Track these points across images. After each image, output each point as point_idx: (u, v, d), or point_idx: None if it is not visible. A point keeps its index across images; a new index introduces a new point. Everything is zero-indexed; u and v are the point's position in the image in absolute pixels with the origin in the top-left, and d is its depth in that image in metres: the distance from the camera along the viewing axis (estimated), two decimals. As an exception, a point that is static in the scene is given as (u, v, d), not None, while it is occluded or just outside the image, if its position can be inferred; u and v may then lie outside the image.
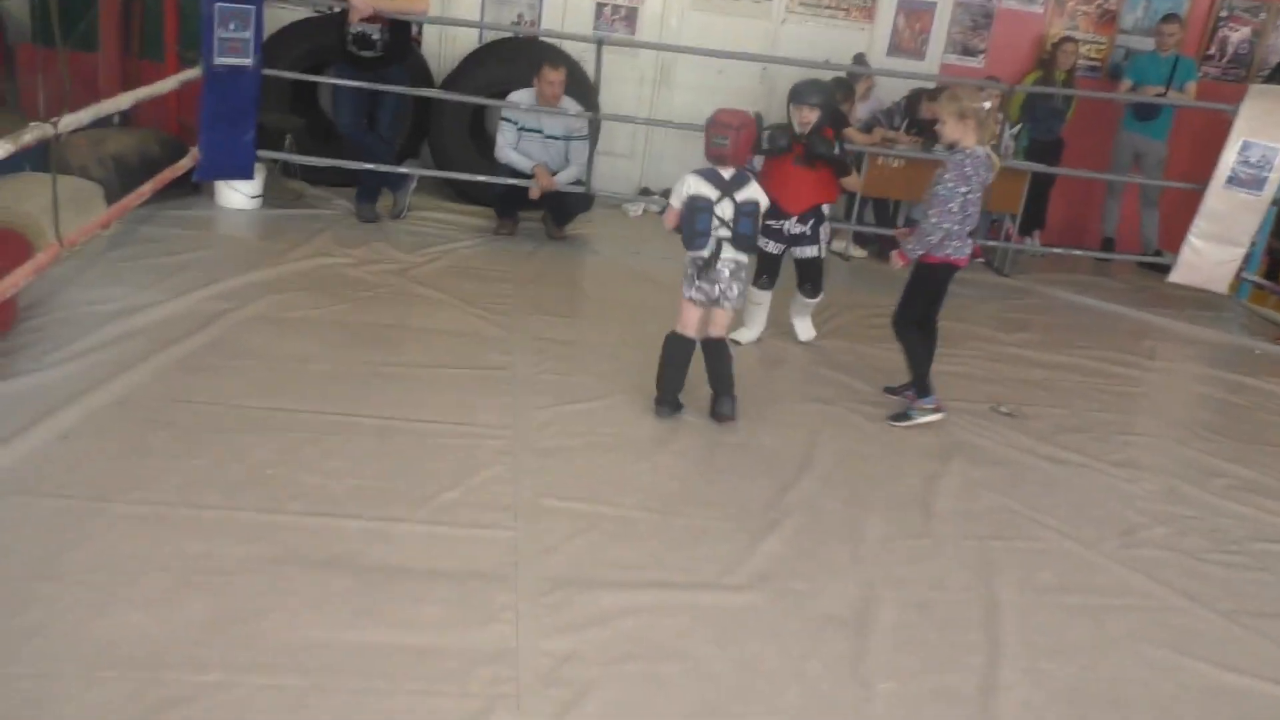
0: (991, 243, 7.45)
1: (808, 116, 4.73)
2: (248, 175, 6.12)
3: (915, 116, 7.44)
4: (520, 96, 6.45)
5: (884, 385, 4.77)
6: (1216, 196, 6.46)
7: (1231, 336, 6.47)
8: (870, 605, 3.07)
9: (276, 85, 6.48)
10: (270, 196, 6.37)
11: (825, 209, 5.02)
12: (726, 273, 3.99)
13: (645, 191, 7.93)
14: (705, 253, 3.95)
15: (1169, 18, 7.69)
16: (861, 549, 3.40)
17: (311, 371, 4.12)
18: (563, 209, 6.63)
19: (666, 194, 8.12)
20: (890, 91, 7.74)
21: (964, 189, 4.13)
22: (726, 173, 3.90)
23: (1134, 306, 6.88)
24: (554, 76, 6.33)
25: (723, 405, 4.15)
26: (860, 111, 7.46)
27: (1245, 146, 6.46)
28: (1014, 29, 8.10)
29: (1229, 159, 6.44)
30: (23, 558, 2.73)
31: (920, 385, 4.47)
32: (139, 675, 2.36)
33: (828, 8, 7.98)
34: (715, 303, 4.06)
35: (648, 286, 5.99)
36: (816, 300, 5.20)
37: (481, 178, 6.57)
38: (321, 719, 2.32)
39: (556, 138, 6.53)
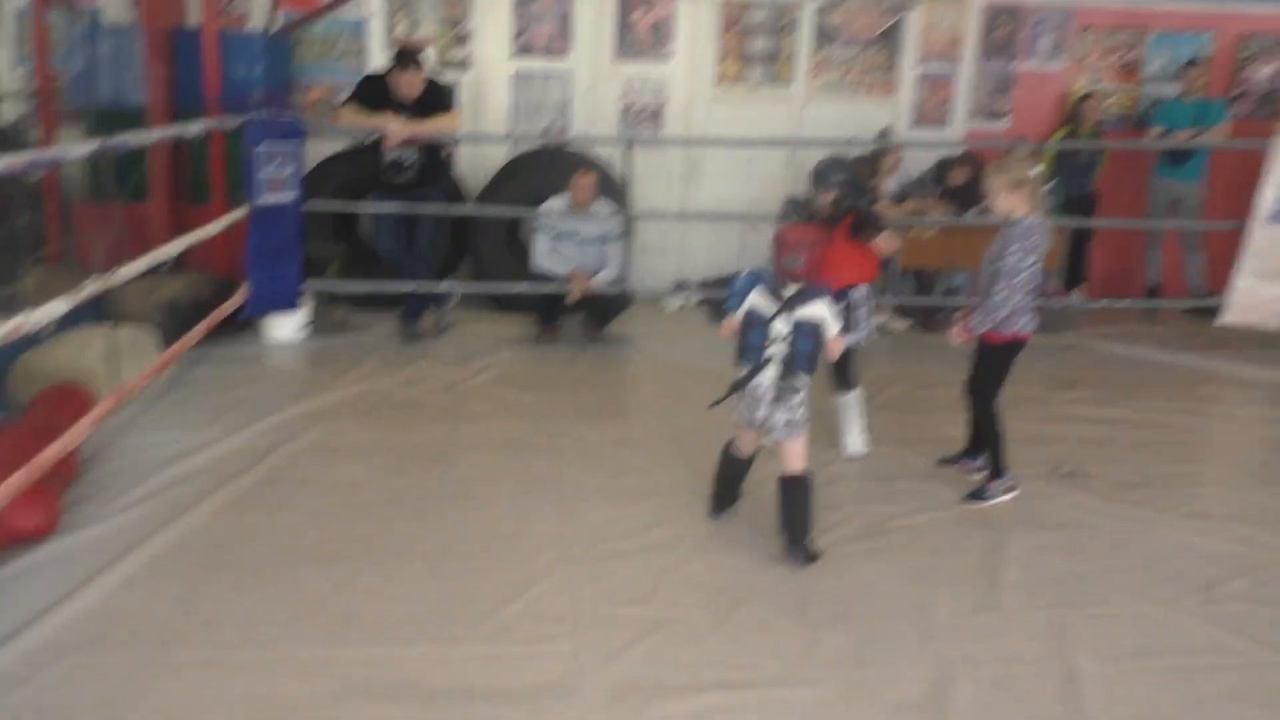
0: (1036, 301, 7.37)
1: (827, 198, 4.52)
2: (294, 307, 6.29)
3: (946, 184, 7.47)
4: (553, 204, 6.60)
5: (938, 458, 4.70)
6: (1261, 233, 6.37)
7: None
8: (945, 686, 2.99)
9: (318, 217, 6.71)
10: (317, 326, 6.53)
11: (860, 291, 4.60)
12: (769, 397, 3.62)
13: (681, 285, 8.01)
14: (745, 369, 3.65)
15: (1191, 62, 7.69)
16: (930, 628, 3.32)
17: (364, 498, 4.17)
18: (602, 310, 6.72)
19: (707, 286, 8.33)
20: (918, 163, 7.79)
21: (1030, 259, 4.02)
22: (791, 288, 3.55)
23: (1187, 352, 6.76)
24: (585, 181, 6.48)
25: (791, 553, 3.71)
26: (889, 185, 7.51)
27: (1283, 182, 6.39)
28: (1036, 89, 8.15)
29: (1269, 194, 6.36)
30: (90, 715, 2.76)
31: (998, 464, 4.32)
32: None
33: (850, 85, 8.11)
34: (758, 428, 3.72)
35: (689, 381, 6.00)
36: (851, 395, 4.77)
37: (520, 288, 6.69)
38: None
39: (592, 240, 6.65)
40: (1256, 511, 4.27)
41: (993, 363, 4.31)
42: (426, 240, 6.61)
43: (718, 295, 7.61)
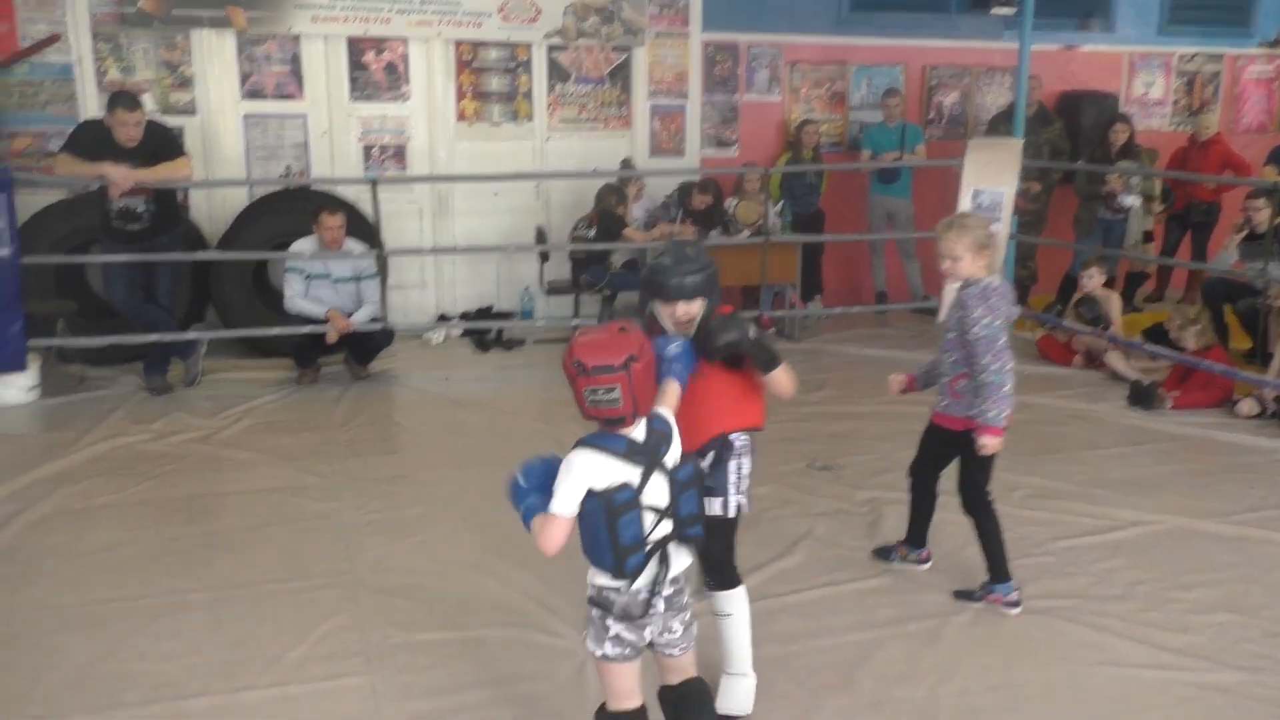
0: (778, 312, 7.90)
1: (688, 312, 2.66)
2: (20, 367, 5.79)
3: (688, 207, 7.88)
4: (303, 245, 6.43)
5: (872, 550, 4.02)
6: (992, 232, 7.13)
7: (1002, 362, 7.09)
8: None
9: (40, 271, 6.22)
10: (48, 385, 6.03)
11: (741, 441, 2.86)
12: (659, 607, 2.37)
13: (443, 318, 7.99)
14: (644, 582, 2.34)
15: (889, 92, 8.51)
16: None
17: (124, 557, 3.91)
18: (364, 347, 6.59)
19: (469, 316, 8.34)
20: (660, 188, 8.17)
21: (999, 321, 3.34)
22: (636, 430, 2.29)
23: (915, 349, 7.41)
24: (332, 222, 6.36)
25: None
26: (636, 212, 7.83)
27: (976, 193, 7.21)
28: (759, 118, 8.74)
29: (964, 205, 7.14)
30: None
31: (1001, 569, 3.58)
32: None
33: (587, 120, 8.39)
34: (654, 649, 2.45)
35: (460, 410, 6.01)
36: (734, 595, 2.92)
37: (275, 331, 6.46)
38: None
39: (346, 279, 6.52)
40: (1000, 487, 4.76)
41: (978, 451, 3.44)
42: (165, 287, 6.25)
43: (480, 326, 7.67)
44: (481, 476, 4.85)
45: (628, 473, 2.27)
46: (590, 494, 2.24)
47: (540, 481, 2.31)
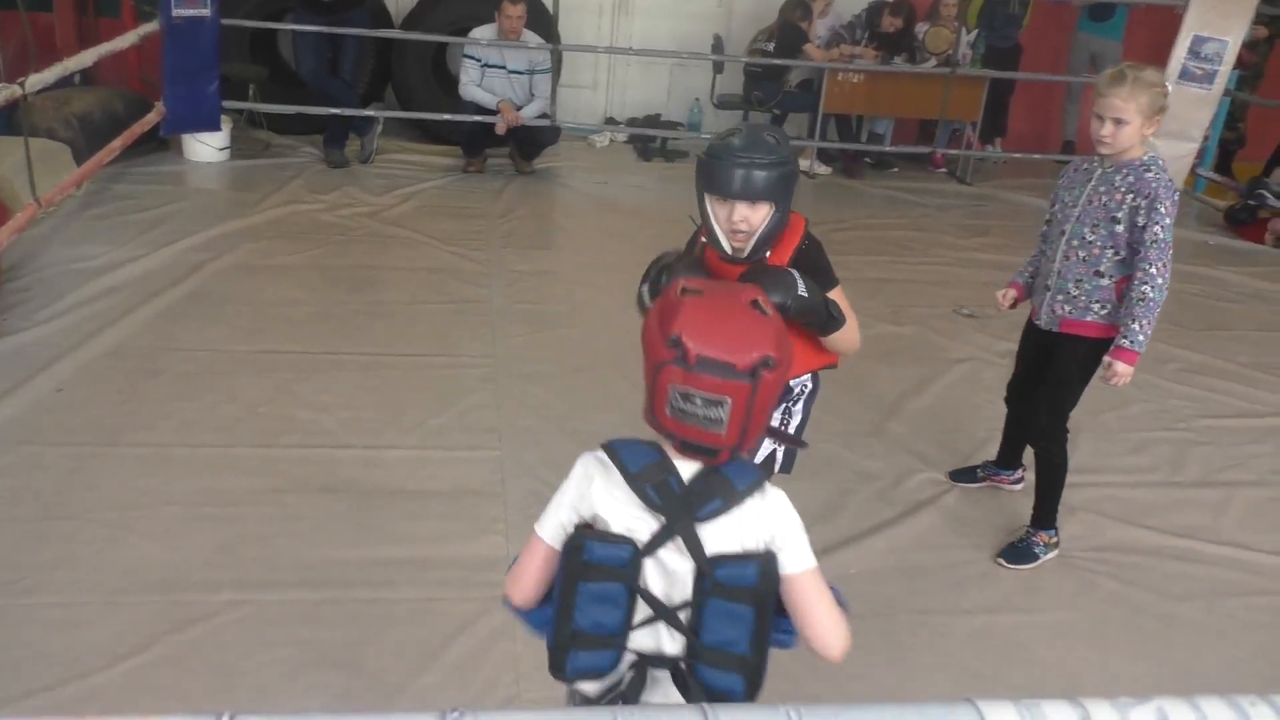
0: (953, 151, 7.57)
1: (747, 218, 2.08)
2: (214, 127, 6.16)
3: (876, 29, 7.50)
4: (482, 32, 6.48)
5: (950, 469, 3.50)
6: (1170, 92, 6.57)
7: (1187, 231, 6.65)
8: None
9: (236, 35, 6.49)
10: (238, 147, 6.41)
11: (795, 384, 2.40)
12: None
13: (610, 121, 7.99)
14: (593, 690, 1.50)
15: (1118, -82, 7.72)
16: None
17: (294, 314, 4.25)
18: (529, 143, 6.70)
19: (636, 123, 8.28)
20: (849, 6, 7.78)
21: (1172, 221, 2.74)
22: (686, 468, 1.41)
23: (1094, 206, 7.04)
24: (514, 11, 6.36)
25: None
26: (819, 29, 7.51)
27: (1196, 41, 6.57)
28: (968, -64, 8.11)
29: (1180, 54, 6.54)
30: (37, 500, 2.89)
31: (1051, 515, 3.06)
32: (157, 599, 2.54)
33: (784, -75, 7.96)
34: None
35: (616, 215, 6.11)
36: None
37: (447, 116, 6.62)
38: (333, 627, 2.51)
39: (520, 72, 6.57)
40: (1152, 359, 4.59)
41: (1083, 364, 2.91)
42: (350, 63, 6.46)
43: (645, 133, 7.65)
44: (626, 282, 4.96)
45: (636, 520, 1.40)
46: (581, 540, 1.40)
47: None
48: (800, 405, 2.38)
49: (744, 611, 1.38)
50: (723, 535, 1.38)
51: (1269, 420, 4.00)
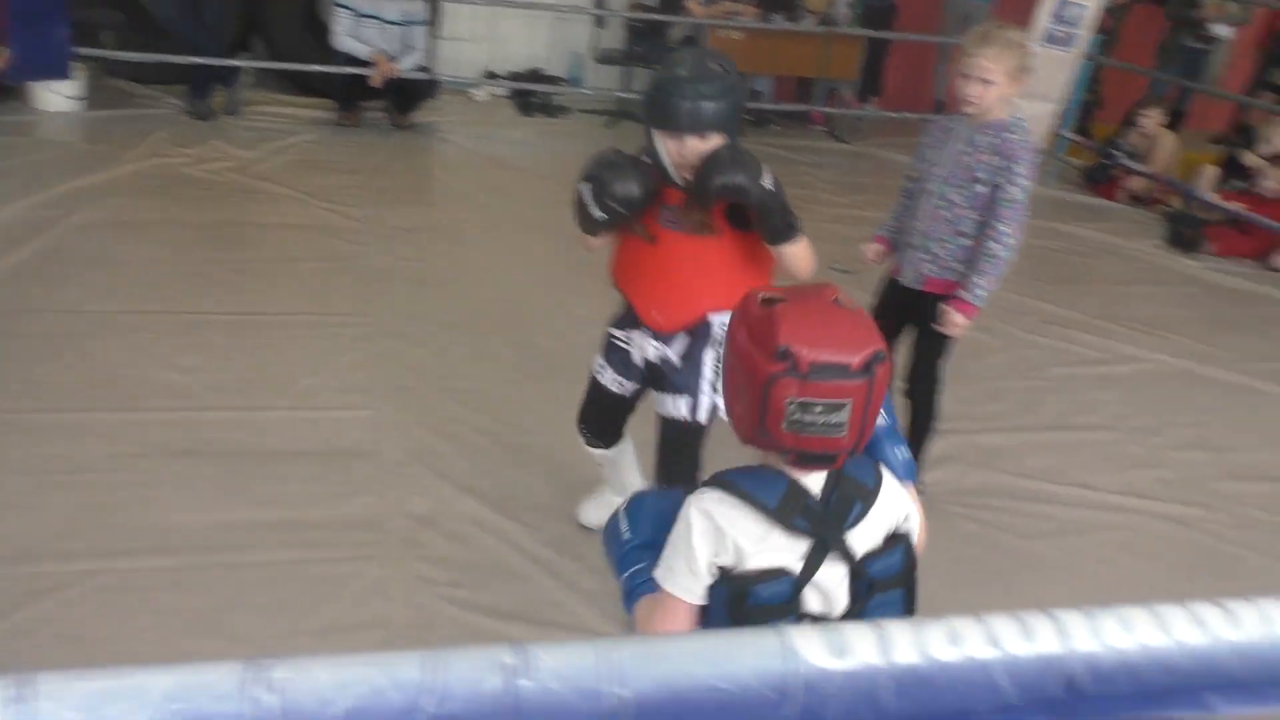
0: (831, 109, 7.70)
1: (697, 150, 2.12)
2: (64, 75, 5.83)
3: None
4: (353, -19, 6.28)
5: None
6: (1033, 54, 6.80)
7: (1048, 189, 6.92)
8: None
9: (88, -22, 6.14)
10: (94, 97, 6.10)
11: (722, 324, 2.29)
12: None
13: (491, 75, 7.86)
14: None
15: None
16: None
17: (156, 274, 4.09)
18: (406, 96, 6.55)
19: (518, 77, 8.16)
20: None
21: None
22: (812, 481, 1.39)
23: (963, 164, 7.27)
24: (386, -41, 6.18)
25: None
26: (700, -17, 7.51)
27: (1060, 4, 6.80)
28: (845, -106, 8.19)
29: (1044, 17, 6.77)
30: (-127, 471, 2.73)
31: (918, 461, 2.97)
32: (8, 570, 2.44)
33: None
34: None
35: (498, 171, 6.04)
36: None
37: (318, 68, 6.41)
38: (195, 593, 2.45)
39: (395, 23, 6.39)
40: (1011, 310, 4.77)
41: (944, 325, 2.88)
42: (214, 10, 6.18)
43: (526, 88, 7.55)
44: (508, 237, 4.96)
45: (785, 549, 1.38)
46: (720, 575, 1.38)
47: (654, 531, 1.48)
48: (712, 345, 2.35)
49: (895, 595, 1.43)
50: (866, 534, 1.41)
51: (1115, 368, 4.23)
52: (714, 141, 2.10)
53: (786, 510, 1.35)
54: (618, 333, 2.51)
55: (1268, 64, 8.29)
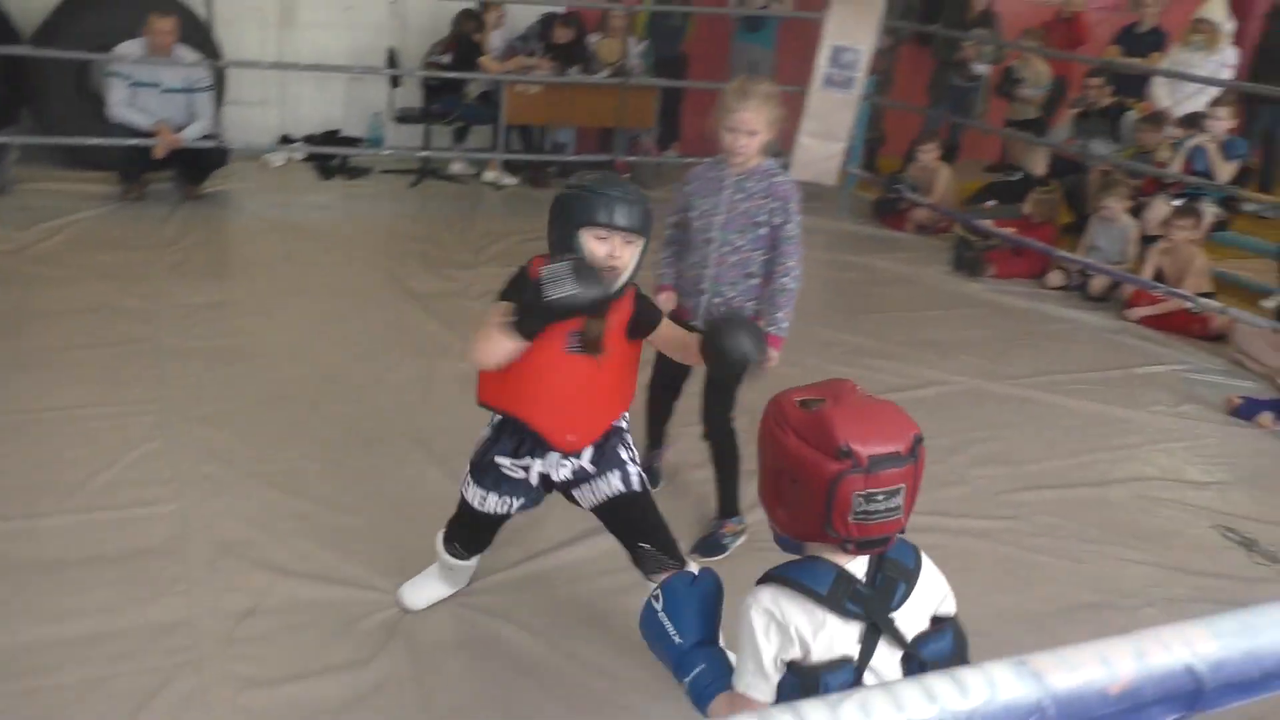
0: (634, 158, 7.87)
1: (624, 253, 2.17)
2: None
3: (549, 41, 7.65)
4: (129, 48, 6.00)
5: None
6: (816, 97, 7.18)
7: (841, 223, 7.27)
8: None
9: None
10: None
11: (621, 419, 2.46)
12: None
13: (286, 139, 7.64)
14: None
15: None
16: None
17: (-80, 374, 3.75)
18: (195, 166, 6.29)
19: (314, 140, 7.91)
20: (523, 18, 7.89)
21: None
22: (858, 566, 1.51)
23: (762, 204, 7.55)
24: (162, 25, 5.94)
25: None
26: (494, 40, 7.56)
27: (836, 50, 7.21)
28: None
29: (822, 63, 7.16)
30: None
31: (734, 502, 3.21)
32: None
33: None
34: None
35: (300, 238, 5.86)
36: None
37: (95, 140, 6.07)
38: (-15, 727, 2.24)
39: (176, 90, 6.14)
40: (818, 344, 4.92)
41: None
42: (-28, 84, 5.79)
43: (324, 151, 7.38)
44: (314, 307, 4.81)
45: (842, 635, 1.45)
46: (787, 669, 1.45)
47: (700, 625, 1.57)
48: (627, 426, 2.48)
49: (953, 647, 1.50)
50: (912, 615, 1.49)
51: (916, 392, 4.47)
52: (635, 246, 2.17)
53: (838, 595, 1.44)
54: (509, 463, 2.40)
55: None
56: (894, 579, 1.48)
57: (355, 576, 2.86)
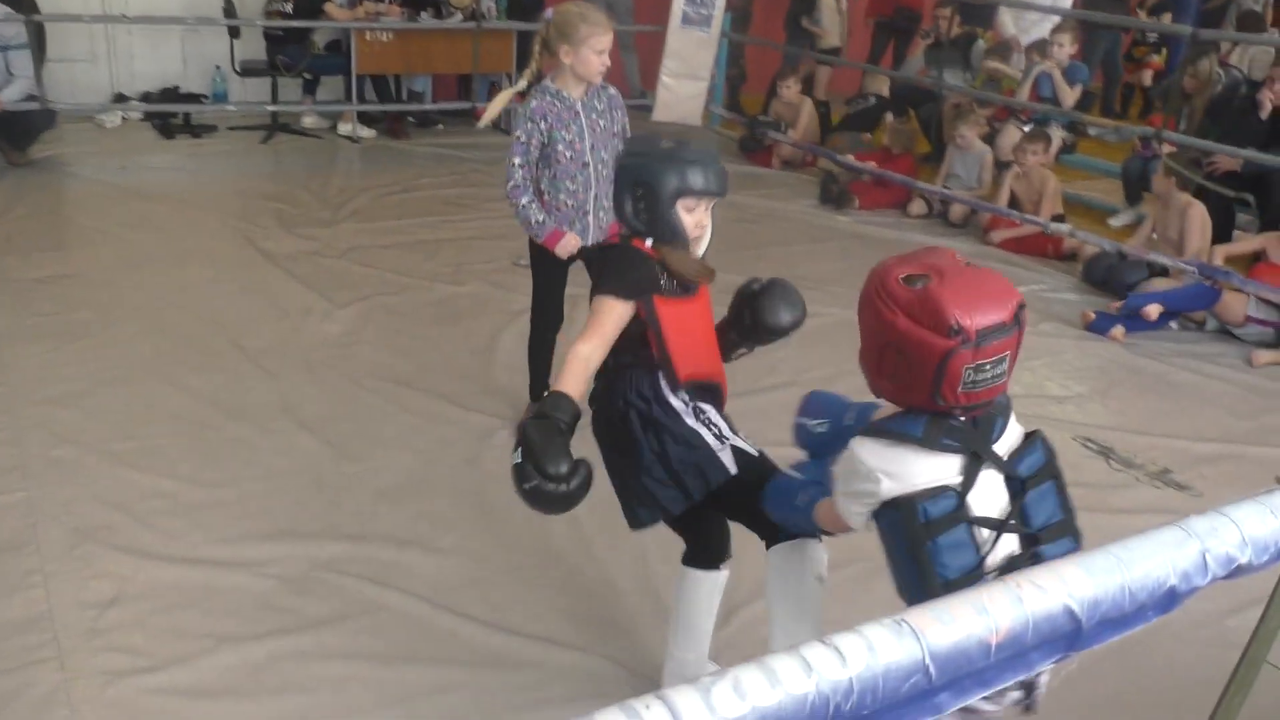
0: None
1: (706, 219, 2.15)
2: None
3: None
4: (-71, 5, 5.50)
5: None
6: (675, 36, 7.12)
7: (710, 161, 7.26)
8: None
9: None
10: None
11: None
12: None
13: (121, 97, 7.16)
14: None
15: None
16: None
17: None
18: (18, 129, 5.84)
19: (152, 98, 7.40)
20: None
21: None
22: (959, 414, 1.57)
23: (628, 147, 7.46)
24: (-34, -23, 5.46)
25: None
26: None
27: (695, -14, 7.15)
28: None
29: (679, 1, 7.08)
30: None
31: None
32: None
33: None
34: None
35: (143, 203, 5.52)
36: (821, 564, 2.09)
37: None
38: None
39: (-10, 49, 5.67)
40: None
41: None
42: None
43: (164, 109, 6.96)
44: (164, 276, 4.55)
45: (940, 468, 1.53)
46: (887, 505, 1.55)
47: (833, 434, 1.77)
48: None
49: (1048, 488, 1.59)
50: (1007, 442, 1.59)
51: (791, 326, 4.50)
52: (710, 209, 2.14)
53: (932, 436, 1.52)
54: (699, 421, 2.12)
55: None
56: (993, 416, 1.57)
57: (228, 554, 2.73)
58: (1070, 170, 6.83)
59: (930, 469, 1.53)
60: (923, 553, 1.51)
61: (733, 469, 2.07)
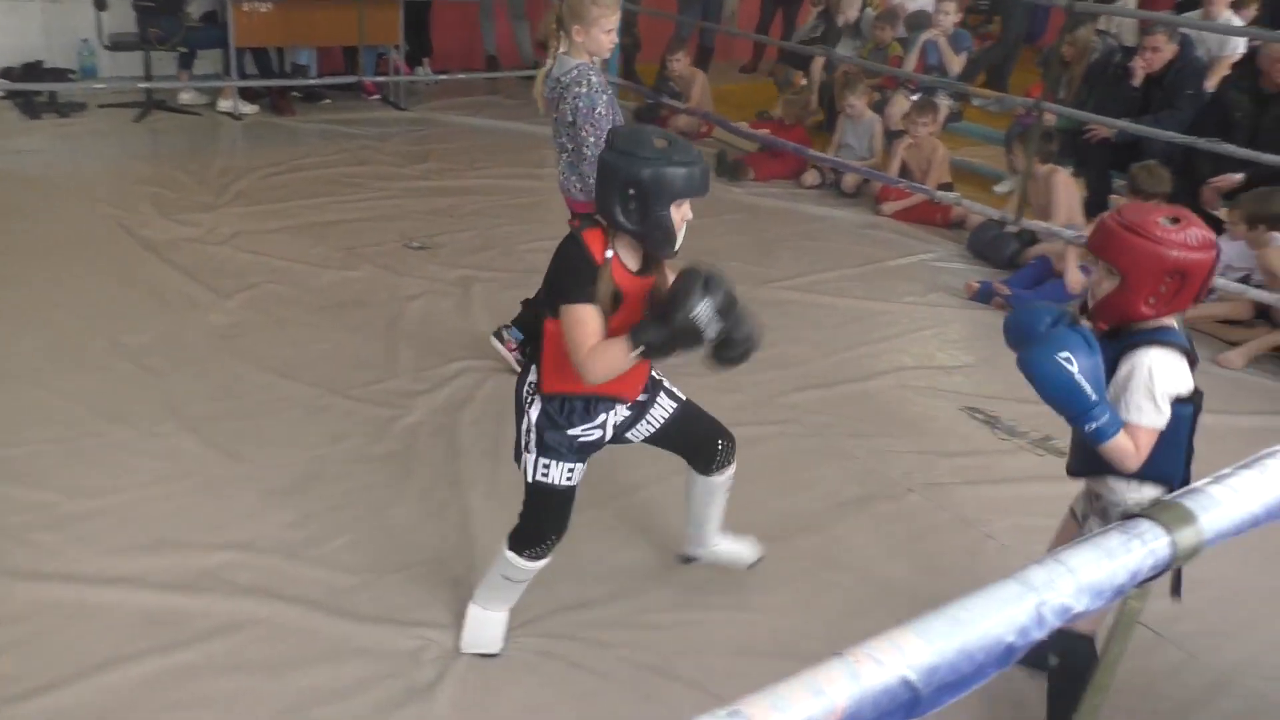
0: (382, 77, 7.48)
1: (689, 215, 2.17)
2: None
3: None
4: None
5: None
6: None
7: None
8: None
9: None
10: None
11: None
12: None
13: (-20, 74, 6.76)
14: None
15: None
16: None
17: None
18: None
19: (12, 75, 6.97)
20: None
21: None
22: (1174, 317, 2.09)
23: (523, 121, 7.34)
24: None
25: None
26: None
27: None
28: None
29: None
30: None
31: None
32: None
33: None
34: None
35: (5, 189, 5.25)
36: (728, 473, 2.59)
37: None
38: None
39: None
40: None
41: None
42: None
43: (26, 87, 6.60)
44: (32, 269, 4.34)
45: (1189, 374, 2.03)
46: (1177, 401, 1.99)
47: (1100, 381, 1.94)
48: None
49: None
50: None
51: (688, 304, 4.51)
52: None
53: (1189, 346, 2.03)
54: (584, 429, 2.28)
55: None
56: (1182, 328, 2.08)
57: (108, 568, 2.63)
58: (957, 138, 6.98)
59: (1188, 374, 2.03)
60: (1192, 432, 2.05)
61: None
